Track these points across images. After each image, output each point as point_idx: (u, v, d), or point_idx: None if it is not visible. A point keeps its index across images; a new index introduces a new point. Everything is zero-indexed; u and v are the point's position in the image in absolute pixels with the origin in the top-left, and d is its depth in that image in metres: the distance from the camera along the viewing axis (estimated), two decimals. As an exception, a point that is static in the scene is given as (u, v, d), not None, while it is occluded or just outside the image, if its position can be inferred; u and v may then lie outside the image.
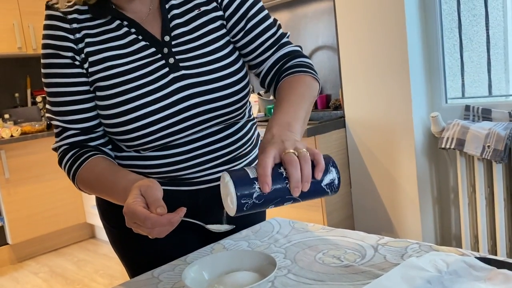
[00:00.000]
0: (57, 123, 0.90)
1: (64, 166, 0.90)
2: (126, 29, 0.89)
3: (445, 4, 2.07)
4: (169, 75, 0.86)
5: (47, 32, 0.89)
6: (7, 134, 3.33)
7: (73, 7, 0.89)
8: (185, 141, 0.90)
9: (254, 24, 0.93)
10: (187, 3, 0.92)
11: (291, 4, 2.80)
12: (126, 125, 0.85)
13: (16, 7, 3.64)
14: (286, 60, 0.93)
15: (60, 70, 0.88)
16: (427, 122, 2.10)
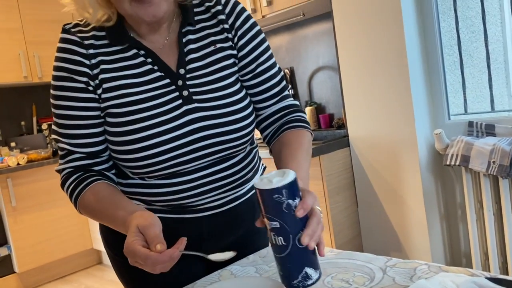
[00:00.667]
0: (63, 145, 0.90)
1: (66, 188, 0.91)
2: (143, 59, 0.90)
3: (444, 22, 2.10)
4: (182, 107, 0.87)
5: (62, 55, 0.89)
6: (14, 162, 3.35)
7: (90, 32, 0.89)
8: (191, 170, 0.91)
9: (264, 70, 0.97)
10: (203, 38, 0.93)
11: (291, 26, 2.84)
12: (135, 153, 0.86)
13: (22, 37, 3.71)
14: (287, 112, 1.00)
15: (72, 94, 0.88)
16: (430, 139, 2.10)
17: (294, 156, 0.89)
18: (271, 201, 0.68)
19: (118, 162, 0.91)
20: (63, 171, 0.92)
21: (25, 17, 3.74)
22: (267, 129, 1.01)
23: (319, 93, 2.81)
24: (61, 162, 0.92)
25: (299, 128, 0.96)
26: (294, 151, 0.91)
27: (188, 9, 0.93)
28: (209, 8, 0.95)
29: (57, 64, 0.89)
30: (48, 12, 3.87)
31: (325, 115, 2.73)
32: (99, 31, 0.90)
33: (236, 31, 0.95)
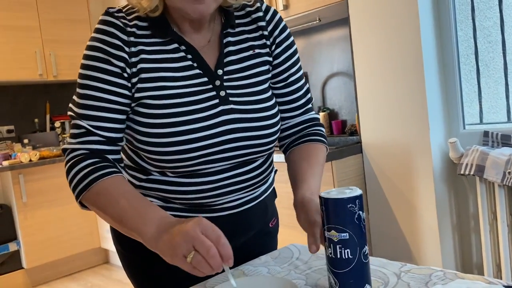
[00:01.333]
0: (81, 123, 0.85)
1: (80, 170, 0.83)
2: (183, 54, 0.89)
3: (461, 31, 2.08)
4: (218, 107, 0.88)
5: (101, 37, 0.86)
6: (26, 159, 3.38)
7: (132, 21, 0.88)
8: (214, 171, 0.91)
9: (294, 80, 1.01)
10: (242, 42, 0.95)
11: (307, 31, 2.84)
12: (165, 147, 0.85)
13: (39, 35, 3.76)
14: (309, 126, 1.04)
15: (105, 76, 0.85)
16: (445, 148, 2.08)
17: (312, 170, 0.93)
18: (344, 211, 0.69)
19: (144, 154, 0.89)
20: (75, 151, 0.86)
21: (43, 16, 3.79)
22: (286, 138, 1.04)
23: (333, 99, 2.80)
24: (73, 141, 0.86)
25: (317, 142, 1.00)
26: (311, 165, 0.94)
27: (229, 12, 0.94)
28: (250, 13, 0.96)
29: (94, 44, 0.86)
30: (65, 11, 3.92)
31: (338, 121, 2.72)
32: (141, 21, 0.89)
33: (274, 39, 0.97)
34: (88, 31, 4.07)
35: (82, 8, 4.03)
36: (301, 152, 0.97)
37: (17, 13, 3.65)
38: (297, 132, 1.03)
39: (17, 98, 3.99)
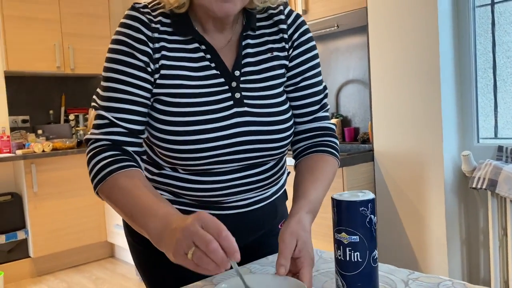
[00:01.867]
0: (105, 114, 0.86)
1: (99, 160, 0.84)
2: (202, 54, 0.90)
3: (480, 44, 2.07)
4: (232, 108, 0.88)
5: (126, 31, 0.87)
6: (39, 149, 3.42)
7: (157, 17, 0.89)
8: (226, 171, 0.91)
9: (307, 85, 0.97)
10: (262, 44, 0.94)
11: (324, 37, 2.85)
12: (178, 144, 0.86)
13: (59, 28, 3.81)
14: (321, 134, 0.99)
15: (129, 70, 0.86)
16: (457, 160, 2.06)
17: (315, 184, 0.90)
18: (355, 214, 0.69)
19: (157, 149, 0.91)
20: (98, 142, 0.87)
21: (64, 10, 3.84)
22: (297, 143, 1.01)
23: (346, 106, 2.79)
24: (96, 131, 0.87)
25: (328, 154, 0.96)
26: (316, 178, 0.91)
27: (252, 14, 0.94)
28: (272, 16, 0.96)
29: (119, 38, 0.87)
30: (86, 6, 3.97)
31: (351, 128, 2.71)
32: (165, 17, 0.89)
33: (293, 42, 0.96)
34: (107, 27, 4.12)
35: (103, 4, 4.08)
36: (309, 163, 0.95)
37: (39, 6, 3.71)
38: (308, 138, 1.00)
39: (33, 89, 4.04)
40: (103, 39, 4.08)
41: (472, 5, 2.04)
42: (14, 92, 3.90)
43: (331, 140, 0.99)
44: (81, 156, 3.64)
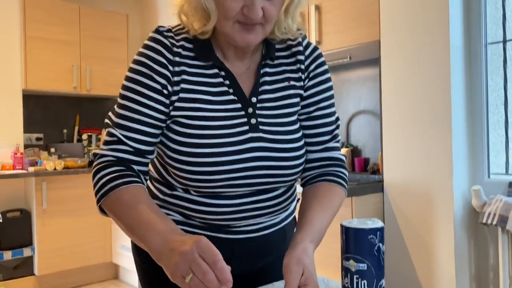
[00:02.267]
0: (115, 132, 0.89)
1: (103, 175, 0.86)
2: (221, 80, 0.92)
3: (491, 80, 2.10)
4: (247, 133, 0.90)
5: (148, 53, 0.90)
6: (51, 167, 3.46)
7: (179, 42, 0.91)
8: (237, 195, 0.92)
9: (320, 115, 0.99)
10: (279, 73, 0.97)
11: (336, 68, 2.89)
12: (192, 166, 0.87)
13: (78, 50, 3.92)
14: (330, 164, 1.00)
15: (145, 91, 0.88)
16: (467, 194, 2.05)
17: (320, 214, 0.90)
18: (364, 242, 0.70)
19: (171, 170, 0.92)
20: (104, 157, 0.89)
21: (84, 32, 3.95)
22: (306, 172, 1.02)
23: (357, 136, 2.81)
24: (104, 147, 0.90)
25: (336, 184, 0.97)
26: (322, 208, 0.91)
27: (271, 44, 0.97)
28: (290, 47, 0.99)
29: (140, 59, 0.90)
30: (105, 30, 4.08)
31: (361, 158, 2.72)
32: (188, 42, 0.92)
33: (309, 73, 0.98)
34: (125, 50, 4.22)
35: (121, 28, 4.19)
36: (315, 192, 0.95)
37: (60, 28, 3.82)
38: (318, 167, 1.00)
39: (49, 107, 4.12)
40: (120, 61, 4.17)
41: (484, 42, 2.07)
42: (30, 110, 3.98)
43: (340, 171, 1.00)
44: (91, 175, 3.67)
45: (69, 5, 3.90)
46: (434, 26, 2.03)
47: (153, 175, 1.01)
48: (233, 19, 0.84)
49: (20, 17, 3.70)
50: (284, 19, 0.93)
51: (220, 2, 0.84)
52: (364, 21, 2.31)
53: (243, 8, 0.83)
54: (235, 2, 0.83)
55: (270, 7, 0.84)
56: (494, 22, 2.09)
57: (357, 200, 2.14)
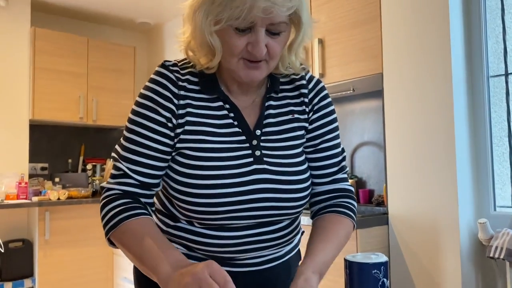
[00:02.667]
0: (121, 166, 0.91)
1: (111, 208, 0.88)
2: (226, 112, 0.94)
3: (495, 112, 2.10)
4: (251, 165, 0.91)
5: (153, 87, 0.92)
6: (55, 197, 3.47)
7: (185, 76, 0.93)
8: (241, 227, 0.92)
9: (326, 147, 1.01)
10: (283, 106, 0.99)
11: (340, 99, 2.92)
12: (196, 197, 0.88)
13: (85, 81, 3.99)
14: (339, 196, 1.01)
15: (151, 124, 0.90)
16: (474, 227, 2.03)
17: (325, 245, 0.90)
18: (368, 277, 0.69)
19: (175, 201, 0.93)
20: (111, 191, 0.91)
21: (92, 64, 4.03)
22: (315, 205, 1.02)
23: (361, 167, 2.81)
24: (111, 181, 0.92)
25: (343, 215, 0.97)
26: (327, 239, 0.91)
27: (276, 78, 0.99)
28: (294, 81, 1.01)
29: (146, 93, 0.92)
30: (113, 61, 4.17)
31: (365, 190, 2.71)
32: (193, 76, 0.94)
33: (313, 106, 1.00)
34: (132, 82, 4.29)
35: (129, 60, 4.27)
36: (322, 223, 0.95)
37: (69, 60, 3.90)
38: (326, 200, 1.01)
39: (55, 137, 4.16)
40: (127, 93, 4.24)
41: (486, 75, 2.09)
42: (36, 139, 4.01)
43: (348, 201, 1.00)
44: (95, 205, 3.67)
45: (78, 38, 4.00)
46: (436, 59, 2.06)
47: (157, 206, 1.02)
48: (238, 56, 0.86)
49: (30, 49, 3.79)
50: (288, 55, 0.95)
51: (225, 39, 0.86)
52: (366, 55, 2.35)
53: (248, 45, 0.85)
54: (240, 39, 0.84)
55: (274, 44, 0.86)
56: (496, 56, 2.11)
57: (362, 233, 2.12)
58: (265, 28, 0.84)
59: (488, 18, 2.10)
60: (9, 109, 3.67)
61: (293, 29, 0.91)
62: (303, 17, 0.88)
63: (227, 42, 0.86)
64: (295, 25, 0.90)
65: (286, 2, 0.81)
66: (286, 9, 0.82)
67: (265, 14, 0.80)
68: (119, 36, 4.64)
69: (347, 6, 2.45)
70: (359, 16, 2.39)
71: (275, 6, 0.80)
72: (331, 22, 2.54)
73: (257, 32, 0.83)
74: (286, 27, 0.87)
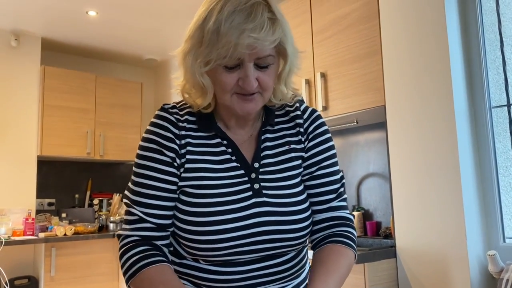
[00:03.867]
0: (135, 211, 0.93)
1: (130, 256, 0.90)
2: (224, 148, 0.97)
3: (499, 143, 2.10)
4: (251, 199, 0.92)
5: (155, 130, 0.95)
6: (61, 232, 3.46)
7: (183, 116, 0.97)
8: (245, 261, 0.93)
9: (323, 174, 1.01)
10: (279, 138, 1.01)
11: (344, 132, 2.94)
12: (198, 235, 0.89)
13: (93, 117, 4.05)
14: (338, 224, 1.00)
15: (157, 165, 0.93)
16: (483, 260, 1.99)
17: (325, 278, 0.89)
18: None
19: (180, 240, 0.94)
20: (128, 238, 0.93)
21: (99, 100, 4.11)
22: (314, 234, 1.02)
23: (368, 199, 2.79)
24: (127, 227, 0.94)
25: (343, 245, 0.96)
26: (327, 271, 0.90)
27: (271, 111, 1.02)
28: (289, 112, 1.04)
29: (149, 136, 0.96)
30: (120, 98, 4.24)
31: (372, 222, 2.68)
32: (191, 116, 0.98)
33: (308, 134, 1.02)
34: (139, 117, 4.35)
35: (136, 96, 4.35)
36: (321, 255, 0.94)
37: (76, 96, 3.98)
38: (325, 228, 1.00)
39: (62, 173, 4.19)
40: (133, 127, 4.29)
41: (488, 106, 2.11)
42: (44, 175, 4.05)
43: (348, 230, 1.00)
44: (102, 241, 3.65)
45: (86, 75, 4.10)
46: (438, 92, 2.08)
47: None
48: (231, 92, 0.90)
49: (39, 87, 3.87)
50: (278, 86, 0.97)
51: (217, 78, 0.89)
52: (369, 87, 2.38)
53: (239, 81, 0.88)
54: (230, 76, 0.88)
55: (264, 77, 0.89)
56: (497, 87, 2.13)
57: (370, 267, 2.09)
58: (253, 63, 0.87)
59: (488, 50, 2.14)
60: (17, 145, 3.72)
61: (281, 60, 0.94)
62: (288, 49, 0.91)
63: (219, 80, 0.89)
64: (282, 56, 0.93)
65: (268, 36, 0.84)
66: (269, 43, 0.85)
67: (250, 50, 0.84)
68: (127, 72, 4.74)
69: (348, 41, 2.50)
70: (360, 50, 2.44)
71: (258, 41, 0.83)
72: (332, 56, 2.59)
73: (246, 67, 0.87)
74: (274, 59, 0.90)
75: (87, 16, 3.58)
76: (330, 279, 0.89)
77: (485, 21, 2.15)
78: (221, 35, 0.83)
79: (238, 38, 0.82)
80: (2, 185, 3.63)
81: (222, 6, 0.85)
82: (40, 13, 3.53)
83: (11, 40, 3.80)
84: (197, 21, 0.89)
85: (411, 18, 2.21)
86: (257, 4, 0.85)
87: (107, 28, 3.80)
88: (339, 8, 2.58)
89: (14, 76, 3.79)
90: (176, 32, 3.87)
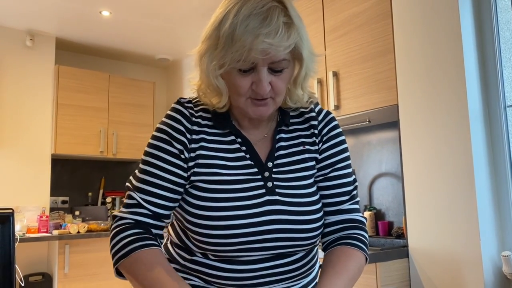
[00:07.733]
0: (135, 195, 0.93)
1: (123, 237, 0.90)
2: (238, 146, 0.98)
3: (514, 142, 2.08)
4: (263, 197, 0.93)
5: (168, 121, 0.97)
6: (75, 230, 3.50)
7: (198, 112, 0.98)
8: (255, 259, 0.93)
9: (336, 176, 1.02)
10: (294, 138, 1.02)
11: (356, 131, 2.92)
12: (209, 229, 0.90)
13: (106, 116, 4.09)
14: (350, 227, 1.00)
15: (164, 155, 0.94)
16: (497, 260, 1.97)
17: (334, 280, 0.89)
18: None
19: (190, 234, 0.94)
20: (123, 219, 0.93)
21: (112, 100, 4.15)
22: (326, 236, 1.02)
23: (380, 199, 2.77)
24: (123, 210, 0.94)
25: (354, 248, 0.96)
26: (336, 274, 0.90)
27: (286, 112, 1.02)
28: (304, 114, 1.04)
29: (161, 127, 0.97)
30: (133, 97, 4.28)
31: (384, 222, 2.66)
32: (206, 112, 0.99)
33: (322, 136, 1.03)
34: (151, 116, 4.38)
35: (148, 95, 4.39)
36: (332, 257, 0.95)
37: (90, 95, 4.03)
38: (337, 231, 1.00)
39: (75, 171, 4.24)
40: (146, 126, 4.32)
41: (503, 105, 2.08)
42: (57, 173, 4.10)
43: (360, 233, 1.00)
44: (114, 239, 3.69)
45: (100, 74, 4.14)
46: (451, 90, 2.06)
47: (174, 240, 1.03)
48: (245, 95, 0.90)
49: (54, 86, 3.92)
50: (294, 90, 0.98)
51: (231, 81, 0.90)
52: (381, 86, 2.36)
53: (252, 85, 0.89)
54: (245, 80, 0.88)
55: (277, 81, 0.89)
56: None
57: (382, 267, 2.08)
58: (267, 67, 0.87)
59: (503, 48, 2.11)
60: (32, 144, 3.78)
61: (297, 64, 0.94)
62: (304, 53, 0.90)
63: (233, 83, 0.90)
64: (298, 61, 0.93)
65: (283, 41, 0.84)
66: (284, 48, 0.84)
67: (263, 55, 0.84)
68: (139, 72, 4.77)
69: (361, 40, 2.49)
70: (372, 49, 2.42)
71: (272, 46, 0.83)
72: (345, 55, 2.58)
73: (259, 71, 0.87)
74: (288, 64, 0.90)
75: (100, 16, 3.62)
76: (339, 280, 0.89)
77: (500, 19, 2.12)
78: (236, 39, 0.84)
79: (252, 42, 0.82)
80: (16, 183, 3.68)
81: (239, 9, 0.85)
82: (54, 13, 3.58)
83: (26, 40, 3.86)
84: (214, 23, 0.90)
85: (424, 16, 2.19)
86: (274, 8, 0.85)
87: (120, 28, 3.84)
88: (352, 7, 2.57)
89: (28, 75, 3.84)
90: (188, 32, 3.89)
